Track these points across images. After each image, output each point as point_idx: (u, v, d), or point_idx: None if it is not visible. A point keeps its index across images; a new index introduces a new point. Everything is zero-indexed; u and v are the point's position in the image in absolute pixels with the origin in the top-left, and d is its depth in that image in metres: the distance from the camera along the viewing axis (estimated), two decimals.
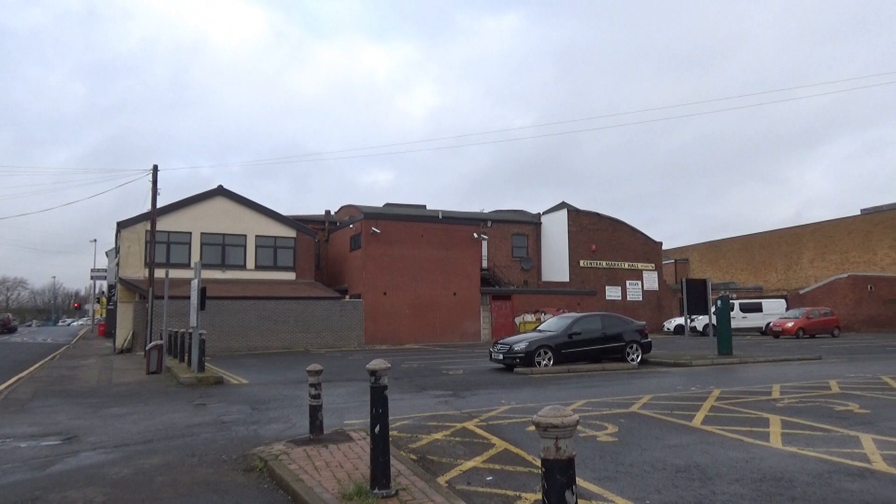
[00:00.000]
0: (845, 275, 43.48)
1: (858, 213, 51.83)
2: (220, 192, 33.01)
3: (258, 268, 33.11)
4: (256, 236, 33.29)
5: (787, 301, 41.09)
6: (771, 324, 36.42)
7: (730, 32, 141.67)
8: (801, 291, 44.21)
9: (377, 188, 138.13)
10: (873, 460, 6.44)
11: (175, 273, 26.68)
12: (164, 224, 30.20)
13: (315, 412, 7.67)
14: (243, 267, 32.83)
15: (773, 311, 39.00)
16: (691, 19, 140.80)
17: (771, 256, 55.43)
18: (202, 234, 32.12)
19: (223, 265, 32.27)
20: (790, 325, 34.52)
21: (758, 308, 39.88)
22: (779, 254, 54.77)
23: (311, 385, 7.62)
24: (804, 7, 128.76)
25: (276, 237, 33.75)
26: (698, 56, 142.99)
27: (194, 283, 16.51)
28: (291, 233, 34.16)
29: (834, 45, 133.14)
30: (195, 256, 30.88)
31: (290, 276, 33.69)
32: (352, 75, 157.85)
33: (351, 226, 35.30)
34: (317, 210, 44.84)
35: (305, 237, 34.54)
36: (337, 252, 37.52)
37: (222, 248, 32.55)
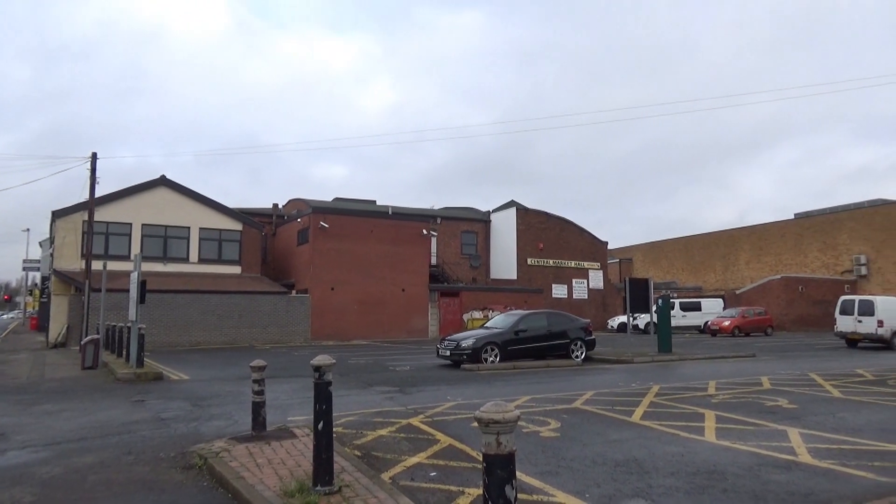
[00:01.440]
0: (778, 276, 45.33)
1: (792, 217, 54.10)
2: (164, 182, 32.05)
3: (202, 261, 32.32)
4: (200, 229, 32.47)
5: (724, 300, 42.61)
6: (709, 322, 37.73)
7: (683, 39, 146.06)
8: (738, 291, 45.91)
9: (331, 183, 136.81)
10: (799, 453, 6.76)
11: (114, 265, 25.75)
12: (102, 214, 29.13)
13: (258, 409, 7.56)
14: (186, 260, 31.98)
15: (712, 310, 40.41)
16: (647, 25, 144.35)
17: (710, 257, 57.31)
18: (143, 225, 31.13)
19: (165, 258, 31.37)
20: (727, 323, 35.81)
21: (697, 307, 41.24)
22: (717, 255, 56.69)
23: (255, 381, 7.50)
24: (753, 17, 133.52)
25: (221, 230, 32.99)
26: (653, 61, 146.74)
27: (134, 276, 16.01)
28: (237, 226, 33.46)
29: (780, 55, 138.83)
30: (135, 248, 29.90)
31: (236, 269, 33.01)
32: (309, 68, 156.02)
33: (299, 220, 34.81)
34: (270, 203, 43.95)
35: (252, 230, 33.89)
36: (284, 246, 36.95)
37: (164, 241, 31.64)
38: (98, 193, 26.02)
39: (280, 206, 42.08)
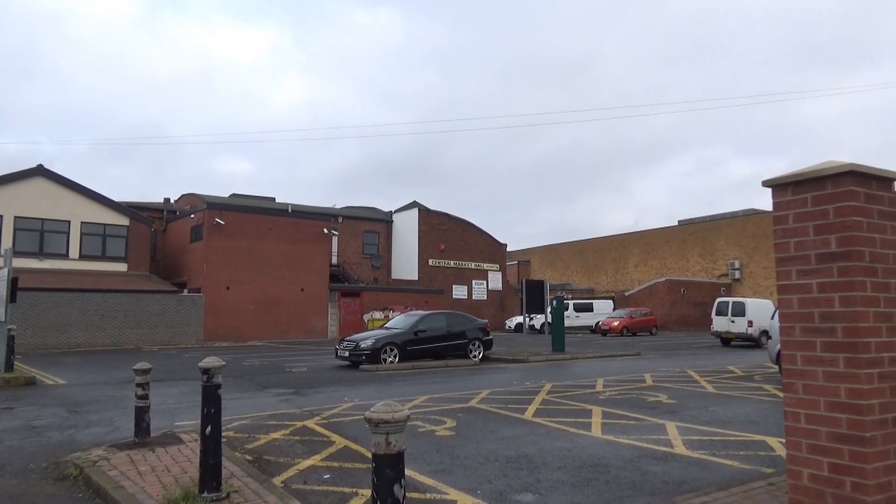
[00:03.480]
0: (663, 279, 48.19)
1: (676, 224, 57.67)
2: (41, 172, 29.72)
3: (83, 257, 30.24)
4: (82, 223, 30.38)
5: (614, 302, 44.82)
6: (600, 322, 39.53)
7: (590, 48, 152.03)
8: (627, 293, 48.40)
9: (237, 178, 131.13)
10: (675, 445, 7.23)
11: None
12: None
13: (141, 413, 7.18)
14: (66, 256, 29.83)
15: (603, 310, 42.36)
16: (557, 32, 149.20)
17: (602, 261, 60.06)
18: (16, 217, 28.73)
19: (41, 253, 29.11)
20: (616, 323, 37.67)
21: (589, 308, 43.10)
22: (609, 258, 59.51)
23: (138, 385, 7.12)
24: (654, 31, 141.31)
25: (105, 224, 31.00)
26: (561, 70, 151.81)
27: (3, 273, 14.75)
28: (124, 220, 31.57)
29: (678, 69, 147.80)
30: (6, 243, 27.50)
31: (122, 267, 31.13)
32: (215, 57, 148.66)
33: (192, 215, 33.33)
34: (171, 197, 41.60)
35: (140, 226, 32.08)
36: (176, 243, 35.25)
37: (41, 235, 29.36)
38: None
39: (172, 201, 40.10)
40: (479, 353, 19.50)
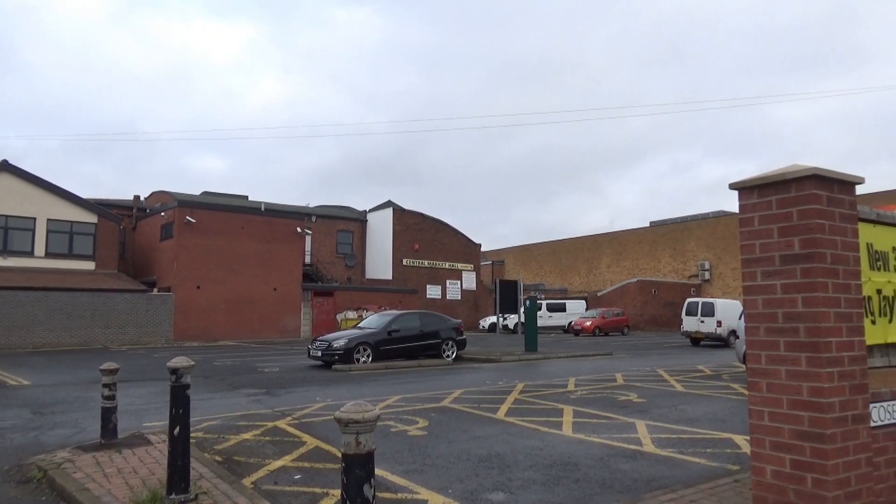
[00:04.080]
0: (635, 279, 48.76)
1: (648, 225, 58.40)
2: (5, 167, 28.99)
3: (50, 255, 29.57)
4: (48, 220, 29.71)
5: (587, 302, 45.20)
6: (572, 322, 39.86)
7: (569, 50, 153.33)
8: (599, 293, 48.86)
9: (211, 176, 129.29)
10: (644, 443, 7.33)
11: None
12: None
13: (108, 414, 7.06)
14: (31, 254, 29.14)
15: (575, 311, 42.71)
16: (536, 34, 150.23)
17: (575, 261, 60.56)
18: None
19: (5, 251, 28.41)
20: (588, 323, 38.01)
21: (562, 308, 43.43)
22: (582, 259, 60.03)
23: (105, 385, 7.00)
24: (631, 35, 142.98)
25: (72, 222, 30.35)
26: (540, 70, 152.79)
27: None
28: (92, 218, 30.95)
29: (654, 73, 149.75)
30: None
31: (89, 265, 30.52)
32: (192, 54, 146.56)
33: (162, 213, 32.81)
34: (141, 195, 40.87)
35: (109, 223, 31.48)
36: (145, 241, 34.68)
37: (5, 232, 28.65)
38: None
39: (143, 199, 39.43)
40: (453, 352, 19.53)
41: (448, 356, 19.28)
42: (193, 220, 30.87)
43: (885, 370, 4.58)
